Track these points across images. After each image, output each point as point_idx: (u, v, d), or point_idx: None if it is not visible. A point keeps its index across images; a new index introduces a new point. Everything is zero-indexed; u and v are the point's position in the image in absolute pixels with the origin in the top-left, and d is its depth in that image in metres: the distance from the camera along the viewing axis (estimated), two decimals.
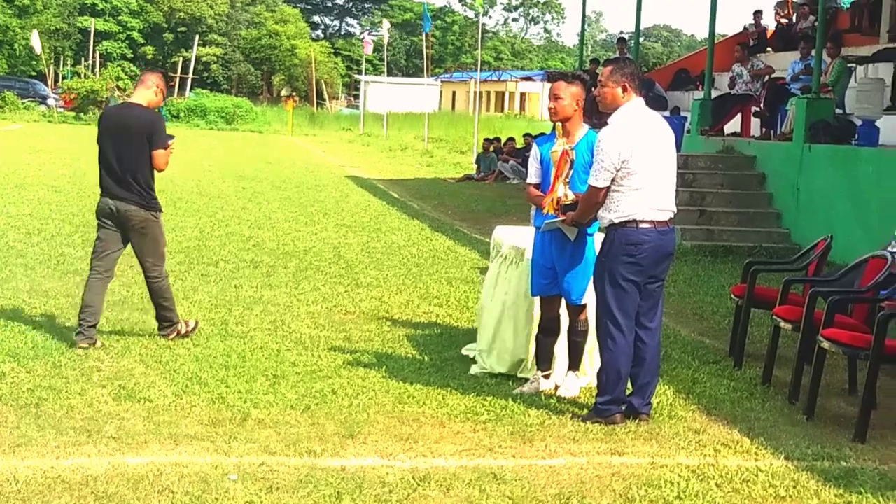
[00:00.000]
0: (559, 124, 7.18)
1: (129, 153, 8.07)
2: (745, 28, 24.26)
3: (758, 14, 23.65)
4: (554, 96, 7.15)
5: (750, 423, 6.87)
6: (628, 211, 6.56)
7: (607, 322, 6.66)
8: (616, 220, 6.59)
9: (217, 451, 5.86)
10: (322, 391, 7.09)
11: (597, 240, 7.08)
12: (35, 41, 56.73)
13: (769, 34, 23.10)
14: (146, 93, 8.27)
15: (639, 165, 6.52)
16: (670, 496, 5.51)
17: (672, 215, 6.72)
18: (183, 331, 8.43)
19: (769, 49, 22.21)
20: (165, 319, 8.42)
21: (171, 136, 8.27)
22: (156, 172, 8.20)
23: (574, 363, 7.37)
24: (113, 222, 8.19)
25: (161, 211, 8.35)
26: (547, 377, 7.37)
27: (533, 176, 7.35)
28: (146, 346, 8.09)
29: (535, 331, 7.50)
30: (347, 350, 8.30)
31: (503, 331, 7.77)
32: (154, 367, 7.50)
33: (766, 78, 18.52)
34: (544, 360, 7.39)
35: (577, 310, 7.25)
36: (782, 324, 7.85)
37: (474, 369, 7.81)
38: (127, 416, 6.39)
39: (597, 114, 7.21)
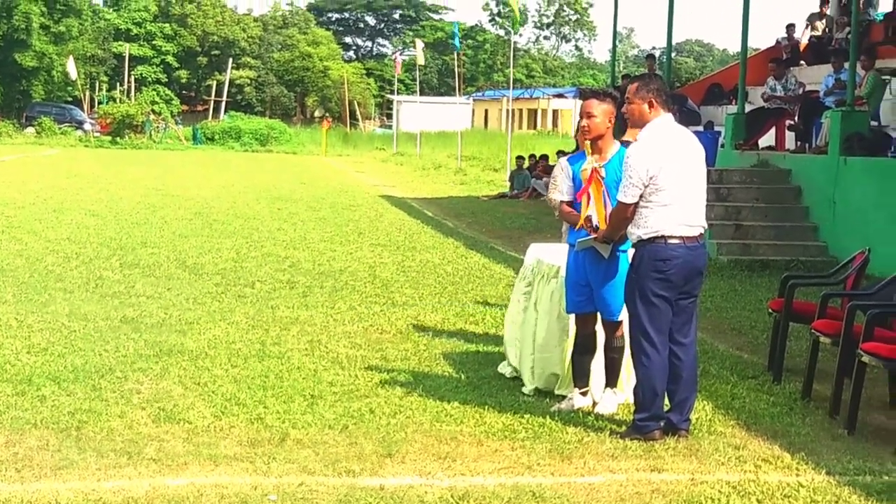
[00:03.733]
0: (589, 142, 7.16)
1: None
2: (777, 42, 24.14)
3: (790, 27, 23.53)
4: (587, 114, 7.13)
5: (790, 438, 6.82)
6: (656, 227, 6.54)
7: (640, 339, 6.65)
8: (644, 236, 6.59)
9: (256, 471, 5.88)
10: (360, 410, 7.11)
11: (630, 256, 7.06)
12: (71, 67, 57.56)
13: (802, 47, 22.98)
14: None
15: (667, 181, 6.51)
16: None
17: (702, 231, 6.70)
18: None
19: (802, 62, 22.10)
20: None
21: None
22: None
23: (611, 380, 7.35)
24: None
25: None
26: (584, 394, 7.35)
27: (565, 194, 7.34)
28: (185, 367, 8.14)
29: (570, 348, 7.49)
30: (384, 369, 8.31)
31: (539, 348, 7.76)
32: (193, 389, 7.54)
33: (801, 91, 18.44)
34: (581, 377, 7.37)
35: (613, 326, 7.23)
36: (821, 338, 7.79)
37: (505, 369, 8.26)
38: (166, 437, 6.43)
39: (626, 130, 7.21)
